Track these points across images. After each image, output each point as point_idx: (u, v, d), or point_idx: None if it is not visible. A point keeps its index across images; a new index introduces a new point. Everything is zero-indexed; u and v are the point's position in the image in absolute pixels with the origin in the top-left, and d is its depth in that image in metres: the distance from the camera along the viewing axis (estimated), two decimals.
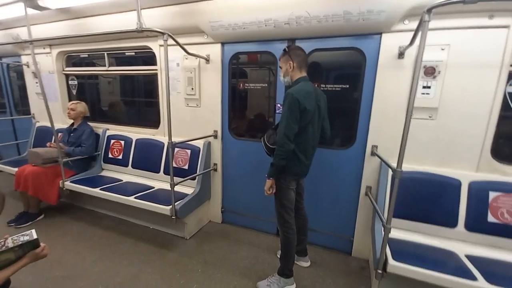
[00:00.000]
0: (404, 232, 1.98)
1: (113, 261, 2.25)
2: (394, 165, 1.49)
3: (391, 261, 1.60)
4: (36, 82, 3.66)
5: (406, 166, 1.90)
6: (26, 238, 1.43)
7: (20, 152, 4.19)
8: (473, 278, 1.47)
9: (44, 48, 3.50)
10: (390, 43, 1.95)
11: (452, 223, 1.87)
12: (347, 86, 2.21)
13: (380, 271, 1.60)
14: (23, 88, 4.01)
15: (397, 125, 1.99)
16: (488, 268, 1.58)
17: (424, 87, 1.88)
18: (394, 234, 1.91)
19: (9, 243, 1.38)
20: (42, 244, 1.49)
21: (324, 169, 2.35)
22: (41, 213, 2.96)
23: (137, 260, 2.27)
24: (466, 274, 1.51)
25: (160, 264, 2.23)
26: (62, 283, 1.99)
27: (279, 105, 2.41)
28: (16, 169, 2.96)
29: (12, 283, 1.78)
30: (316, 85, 2.24)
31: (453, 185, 1.89)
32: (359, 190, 2.26)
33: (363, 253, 2.35)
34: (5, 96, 4.40)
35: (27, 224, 2.79)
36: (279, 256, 2.07)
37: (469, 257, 1.70)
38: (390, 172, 2.02)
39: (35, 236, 1.46)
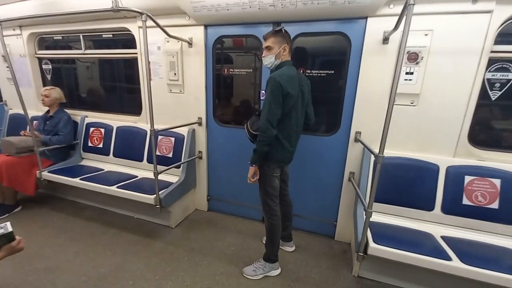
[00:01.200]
0: (385, 216, 2.04)
1: (96, 252, 2.21)
2: (377, 151, 1.50)
3: (371, 244, 1.65)
4: (7, 67, 3.41)
5: (388, 152, 1.93)
6: (1, 231, 1.37)
7: None
8: (448, 258, 1.55)
9: (14, 30, 3.25)
10: (375, 27, 1.92)
11: (430, 206, 1.94)
12: (332, 71, 2.19)
13: (361, 254, 1.66)
14: None
15: (380, 112, 2.00)
16: (462, 248, 1.66)
17: (407, 73, 1.89)
18: (375, 218, 1.97)
19: None
20: (17, 237, 1.43)
21: (308, 155, 2.36)
22: (18, 204, 2.85)
23: (121, 250, 2.24)
24: (442, 254, 1.58)
25: (145, 253, 2.21)
26: (43, 275, 1.94)
27: (263, 91, 2.37)
28: None
29: None
30: (301, 71, 2.21)
31: (431, 170, 1.95)
32: (343, 176, 2.30)
33: (345, 237, 2.42)
34: None
35: (4, 216, 2.68)
36: (264, 242, 2.09)
37: (444, 238, 1.79)
38: (373, 158, 2.05)
39: (10, 229, 1.39)
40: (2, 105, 3.72)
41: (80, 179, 2.60)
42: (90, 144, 3.09)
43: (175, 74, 2.58)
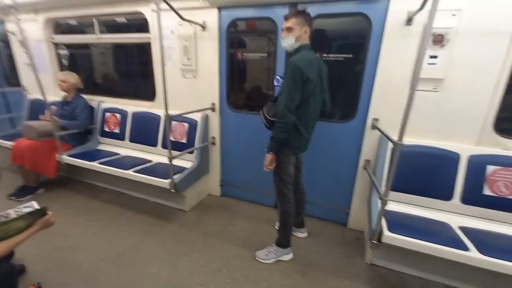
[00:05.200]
0: (400, 204, 2.01)
1: (114, 232, 2.30)
2: (395, 138, 1.46)
3: (386, 232, 1.63)
4: (25, 52, 3.48)
5: (406, 140, 1.86)
6: (29, 209, 1.43)
7: (15, 126, 4.11)
8: (465, 248, 1.51)
9: (29, 14, 3.28)
10: (398, 7, 1.82)
11: (448, 196, 1.89)
12: (350, 55, 2.11)
13: (375, 241, 1.64)
14: (12, 59, 3.83)
15: (399, 98, 1.93)
16: (481, 239, 1.62)
17: (431, 56, 1.79)
18: (391, 206, 1.94)
19: (12, 214, 1.38)
20: (49, 213, 1.49)
21: (323, 142, 2.32)
22: (41, 186, 2.97)
23: (137, 231, 2.32)
24: (459, 244, 1.55)
25: (161, 235, 2.29)
26: (66, 252, 2.05)
27: (277, 77, 2.31)
28: (11, 143, 2.91)
29: (17, 254, 1.82)
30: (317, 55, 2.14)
31: (451, 159, 1.88)
32: (357, 163, 2.26)
33: (358, 225, 2.41)
34: None
35: (27, 197, 2.81)
36: (277, 228, 2.11)
37: (462, 228, 1.74)
38: (390, 146, 2.00)
39: (37, 207, 1.45)
40: (21, 90, 3.82)
41: (98, 163, 2.68)
42: (106, 129, 3.16)
43: (188, 59, 2.56)
